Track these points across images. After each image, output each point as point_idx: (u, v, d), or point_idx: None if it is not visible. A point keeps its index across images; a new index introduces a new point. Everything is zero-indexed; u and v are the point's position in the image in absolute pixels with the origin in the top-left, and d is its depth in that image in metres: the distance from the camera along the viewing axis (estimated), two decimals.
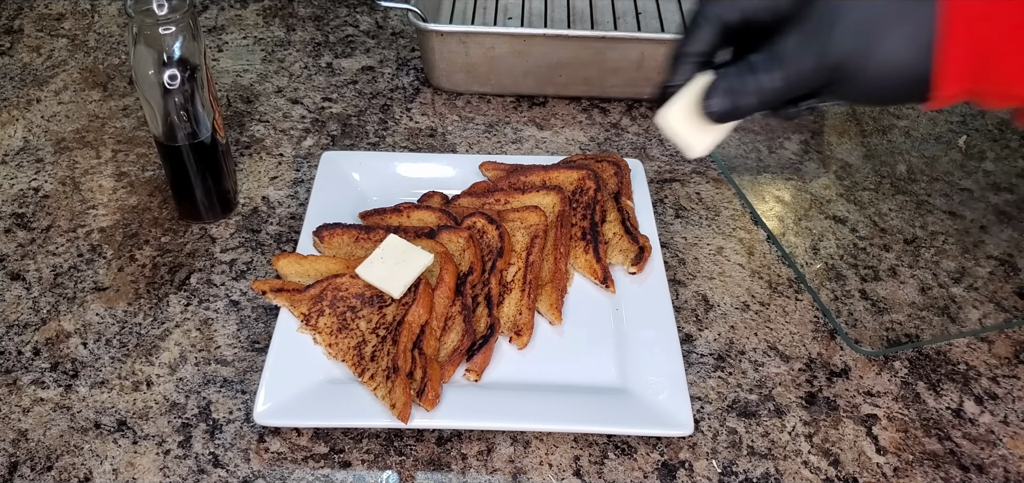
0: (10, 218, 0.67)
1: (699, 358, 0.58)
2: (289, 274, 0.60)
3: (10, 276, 0.63)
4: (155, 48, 0.57)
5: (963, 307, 0.62)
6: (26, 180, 0.71)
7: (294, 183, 0.71)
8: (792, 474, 0.51)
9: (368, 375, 0.53)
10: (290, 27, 0.90)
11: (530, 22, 0.88)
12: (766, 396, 0.56)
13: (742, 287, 0.63)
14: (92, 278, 0.62)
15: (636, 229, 0.63)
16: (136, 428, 0.53)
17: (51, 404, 0.54)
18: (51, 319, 0.59)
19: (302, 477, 0.50)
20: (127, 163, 0.72)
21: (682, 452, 0.52)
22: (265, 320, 0.59)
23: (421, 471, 0.51)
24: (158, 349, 0.58)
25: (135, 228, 0.66)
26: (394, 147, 0.75)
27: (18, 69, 0.83)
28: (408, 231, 0.62)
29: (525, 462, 0.51)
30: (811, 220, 0.69)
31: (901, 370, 0.57)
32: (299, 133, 0.76)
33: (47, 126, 0.76)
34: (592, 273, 0.60)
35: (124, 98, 0.80)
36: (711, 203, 0.70)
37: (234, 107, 0.79)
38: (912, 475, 0.51)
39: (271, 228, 0.67)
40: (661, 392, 0.53)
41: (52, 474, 0.50)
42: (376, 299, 0.57)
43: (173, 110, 0.60)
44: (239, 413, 0.54)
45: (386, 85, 0.82)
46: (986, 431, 0.54)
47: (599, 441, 0.53)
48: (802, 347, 0.59)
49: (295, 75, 0.83)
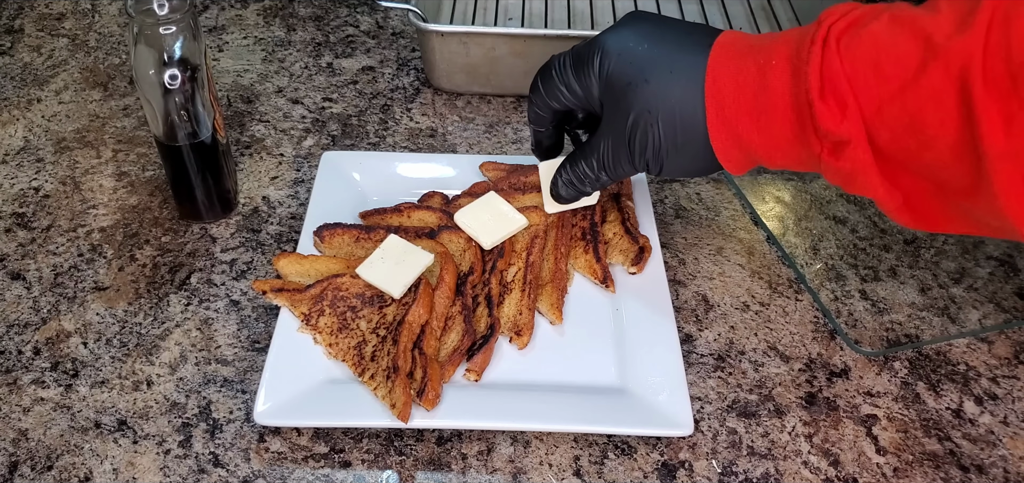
0: (10, 218, 0.67)
1: (699, 358, 0.58)
2: (289, 274, 0.60)
3: (10, 276, 0.63)
4: (156, 48, 0.57)
5: (963, 307, 0.62)
6: (26, 180, 0.71)
7: (294, 183, 0.71)
8: (792, 474, 0.51)
9: (368, 375, 0.53)
10: (290, 27, 0.90)
11: (530, 22, 0.88)
12: (766, 396, 0.56)
13: (742, 287, 0.63)
14: (92, 278, 0.62)
15: (636, 229, 0.63)
16: (136, 428, 0.53)
17: (51, 404, 0.54)
18: (51, 319, 0.59)
19: (302, 477, 0.50)
20: (127, 163, 0.73)
21: (682, 452, 0.52)
22: (265, 320, 0.60)
23: (421, 471, 0.51)
24: (158, 349, 0.58)
25: (135, 228, 0.66)
26: (394, 147, 0.75)
27: (19, 69, 0.83)
28: (408, 231, 0.62)
29: (525, 462, 0.52)
30: (811, 220, 0.69)
31: (901, 370, 0.57)
32: (299, 133, 0.76)
33: (47, 126, 0.76)
34: (592, 273, 0.60)
35: (124, 98, 0.80)
36: (711, 203, 0.70)
37: (234, 107, 0.79)
38: (912, 475, 0.51)
39: (271, 228, 0.67)
40: (661, 392, 0.53)
41: (52, 474, 0.50)
42: (376, 299, 0.57)
43: (173, 110, 0.60)
44: (239, 413, 0.54)
45: (386, 85, 0.82)
46: (986, 431, 0.54)
47: (599, 441, 0.53)
48: (802, 347, 0.59)
49: (295, 75, 0.83)
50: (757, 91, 0.45)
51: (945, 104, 0.38)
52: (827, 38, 0.42)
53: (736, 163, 0.48)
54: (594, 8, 0.90)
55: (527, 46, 0.76)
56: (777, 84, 0.44)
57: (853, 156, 0.43)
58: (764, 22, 0.90)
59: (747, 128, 0.46)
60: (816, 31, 0.43)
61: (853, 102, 0.41)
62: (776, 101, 0.44)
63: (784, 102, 0.44)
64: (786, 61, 0.43)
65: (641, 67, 0.49)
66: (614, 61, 0.50)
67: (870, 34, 0.41)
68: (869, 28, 0.41)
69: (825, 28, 0.42)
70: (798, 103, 0.43)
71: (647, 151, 0.50)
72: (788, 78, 0.43)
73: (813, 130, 0.43)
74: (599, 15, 0.89)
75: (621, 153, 0.51)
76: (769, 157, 0.47)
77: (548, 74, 0.54)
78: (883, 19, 0.41)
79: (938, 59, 0.38)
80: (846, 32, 0.42)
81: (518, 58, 0.77)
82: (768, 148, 0.46)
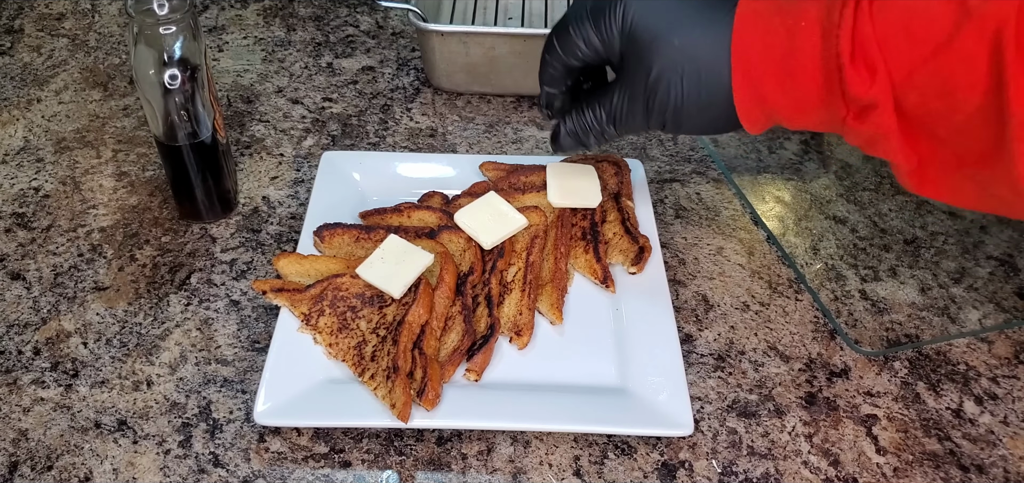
0: (10, 218, 0.67)
1: (699, 358, 0.58)
2: (289, 274, 0.60)
3: (10, 276, 0.63)
4: (156, 48, 0.57)
5: (963, 307, 0.62)
6: (26, 180, 0.71)
7: (294, 183, 0.71)
8: (792, 474, 0.51)
9: (368, 375, 0.53)
10: (290, 27, 0.90)
11: (530, 22, 0.88)
12: (766, 396, 0.56)
13: (742, 287, 0.63)
14: (92, 278, 0.62)
15: (636, 229, 0.63)
16: (136, 428, 0.53)
17: (51, 404, 0.54)
18: (51, 319, 0.59)
19: (302, 477, 0.50)
20: (127, 163, 0.73)
21: (682, 452, 0.52)
22: (265, 320, 0.60)
23: (421, 471, 0.51)
24: (158, 349, 0.58)
25: (135, 228, 0.66)
26: (394, 147, 0.75)
27: (18, 69, 0.83)
28: (408, 231, 0.62)
29: (525, 462, 0.52)
30: (811, 220, 0.69)
31: (901, 370, 0.57)
32: (299, 133, 0.76)
33: (47, 126, 0.76)
34: (592, 273, 0.60)
35: (124, 98, 0.80)
36: (711, 203, 0.70)
37: (234, 107, 0.79)
38: (912, 475, 0.51)
39: (271, 228, 0.67)
40: (661, 392, 0.53)
41: (52, 474, 0.50)
42: (376, 299, 0.57)
43: (173, 110, 0.60)
44: (239, 413, 0.54)
45: (386, 85, 0.82)
46: (986, 431, 0.54)
47: (599, 441, 0.53)
48: (802, 347, 0.59)
49: (295, 75, 0.83)
50: (785, 53, 0.44)
51: (976, 67, 0.38)
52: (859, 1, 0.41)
53: (757, 123, 0.48)
54: None
55: (527, 46, 0.76)
56: (806, 46, 0.43)
57: (878, 121, 0.43)
58: None
59: (772, 89, 0.45)
60: None
61: (883, 67, 0.41)
62: (804, 63, 0.43)
63: (813, 64, 0.43)
64: (816, 23, 0.43)
65: (668, 22, 0.47)
66: (638, 14, 0.48)
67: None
68: None
69: None
70: (827, 67, 0.43)
71: (667, 109, 0.49)
72: (818, 40, 0.43)
73: (841, 94, 0.43)
74: None
75: (637, 108, 0.50)
76: (791, 119, 0.47)
77: (564, 30, 0.52)
78: None
79: (972, 21, 0.38)
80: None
81: (518, 58, 0.77)
82: (792, 110, 0.46)
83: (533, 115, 0.79)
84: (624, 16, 0.49)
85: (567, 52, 0.53)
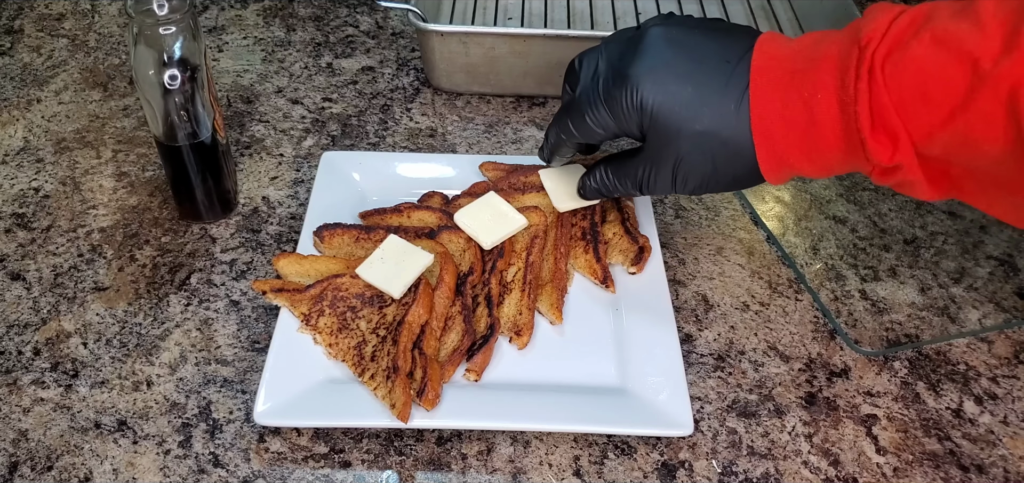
0: (10, 218, 0.67)
1: (699, 358, 0.58)
2: (289, 274, 0.60)
3: (10, 276, 0.63)
4: (155, 48, 0.57)
5: (963, 307, 0.62)
6: (26, 180, 0.71)
7: (294, 183, 0.71)
8: (792, 474, 0.51)
9: (368, 375, 0.53)
10: (290, 27, 0.90)
11: (530, 22, 0.88)
12: (766, 396, 0.56)
13: (742, 287, 0.63)
14: (92, 278, 0.62)
15: (636, 229, 0.63)
16: (136, 428, 0.53)
17: (51, 404, 0.54)
18: (51, 319, 0.59)
19: (302, 477, 0.50)
20: (127, 163, 0.73)
21: (682, 452, 0.52)
22: (265, 320, 0.60)
23: (421, 471, 0.51)
24: (158, 349, 0.58)
25: (135, 228, 0.66)
26: (394, 147, 0.75)
27: (18, 69, 0.83)
28: (408, 231, 0.62)
29: (525, 462, 0.52)
30: (811, 220, 0.69)
31: (901, 370, 0.57)
32: (299, 133, 0.76)
33: (47, 126, 0.76)
34: (592, 273, 0.60)
35: (124, 98, 0.80)
36: (711, 203, 0.70)
37: (234, 107, 0.79)
38: (912, 475, 0.51)
39: (271, 228, 0.67)
40: (661, 392, 0.53)
41: (52, 474, 0.50)
42: (376, 299, 0.57)
43: (173, 110, 0.60)
44: (239, 413, 0.54)
45: (386, 85, 0.82)
46: (986, 431, 0.54)
47: (599, 441, 0.53)
48: (802, 347, 0.59)
49: (295, 75, 0.83)
50: (806, 126, 0.45)
51: (994, 125, 0.39)
52: (872, 68, 0.42)
53: (782, 180, 0.50)
54: (594, 8, 0.90)
55: (527, 46, 0.76)
56: (826, 119, 0.44)
57: (903, 176, 0.44)
58: (764, 22, 0.90)
59: (797, 158, 0.47)
60: (859, 60, 0.42)
61: (903, 132, 0.42)
62: (826, 135, 0.45)
63: (834, 136, 0.45)
64: (833, 95, 0.44)
65: (687, 108, 0.48)
66: (656, 101, 0.49)
67: (914, 60, 0.41)
68: (911, 52, 0.41)
69: (868, 56, 0.42)
70: (849, 139, 0.44)
71: (695, 184, 0.51)
72: (837, 113, 0.44)
73: (864, 158, 0.44)
74: (599, 15, 0.89)
75: (664, 180, 0.52)
76: (817, 176, 0.49)
77: (579, 116, 0.53)
78: (924, 40, 0.41)
79: (986, 85, 0.39)
80: (888, 58, 0.42)
81: (518, 58, 0.77)
82: (817, 172, 0.48)
83: (533, 115, 0.79)
84: (642, 103, 0.49)
85: (583, 135, 0.54)
